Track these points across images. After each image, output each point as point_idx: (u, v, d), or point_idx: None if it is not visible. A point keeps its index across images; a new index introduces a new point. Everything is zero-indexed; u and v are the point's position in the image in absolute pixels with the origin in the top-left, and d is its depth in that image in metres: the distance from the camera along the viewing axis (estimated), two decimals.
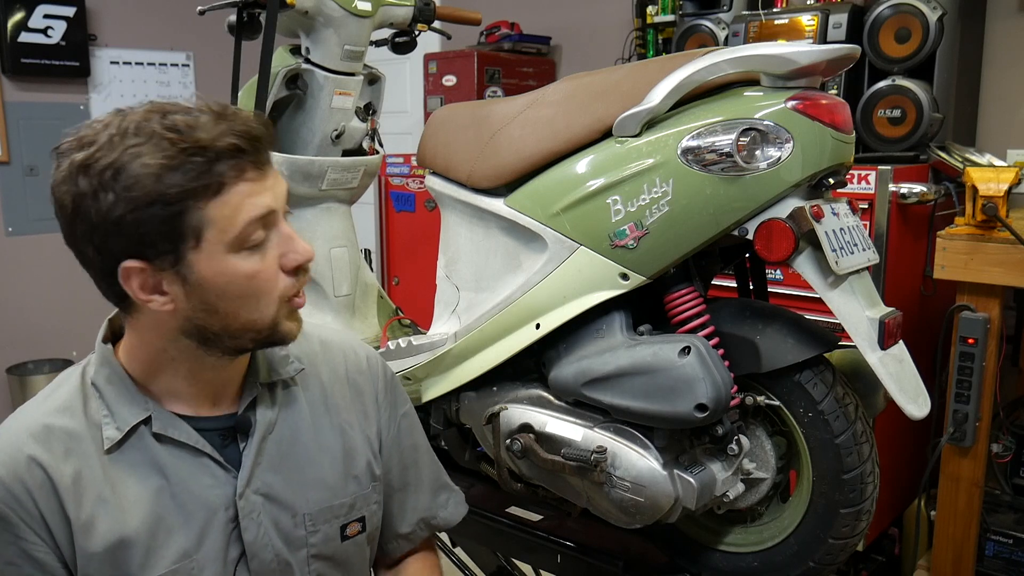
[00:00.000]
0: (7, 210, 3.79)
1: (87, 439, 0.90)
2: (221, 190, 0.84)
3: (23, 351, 3.85)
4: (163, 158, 0.81)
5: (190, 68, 4.31)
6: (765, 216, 1.08)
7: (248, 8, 1.58)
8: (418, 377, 1.46)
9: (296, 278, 0.92)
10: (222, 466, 0.95)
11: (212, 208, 0.83)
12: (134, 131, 0.82)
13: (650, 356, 1.13)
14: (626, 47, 3.30)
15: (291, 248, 0.90)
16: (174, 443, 0.93)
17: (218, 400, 0.97)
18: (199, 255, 0.85)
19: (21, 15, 3.69)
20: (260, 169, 0.87)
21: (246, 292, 0.88)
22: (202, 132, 0.83)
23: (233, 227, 0.85)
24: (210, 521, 0.93)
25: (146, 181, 0.81)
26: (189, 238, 0.84)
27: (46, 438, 0.89)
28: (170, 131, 0.82)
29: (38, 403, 0.93)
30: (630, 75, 1.18)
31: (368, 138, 1.81)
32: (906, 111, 2.24)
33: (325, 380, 1.07)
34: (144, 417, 0.92)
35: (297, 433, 1.01)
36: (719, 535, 1.28)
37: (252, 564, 0.95)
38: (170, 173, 0.81)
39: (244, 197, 0.85)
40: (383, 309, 1.85)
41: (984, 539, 1.99)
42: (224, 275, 0.86)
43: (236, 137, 0.84)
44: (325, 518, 1.02)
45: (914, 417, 1.07)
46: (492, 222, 1.35)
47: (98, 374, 0.94)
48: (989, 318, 1.81)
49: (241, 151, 0.84)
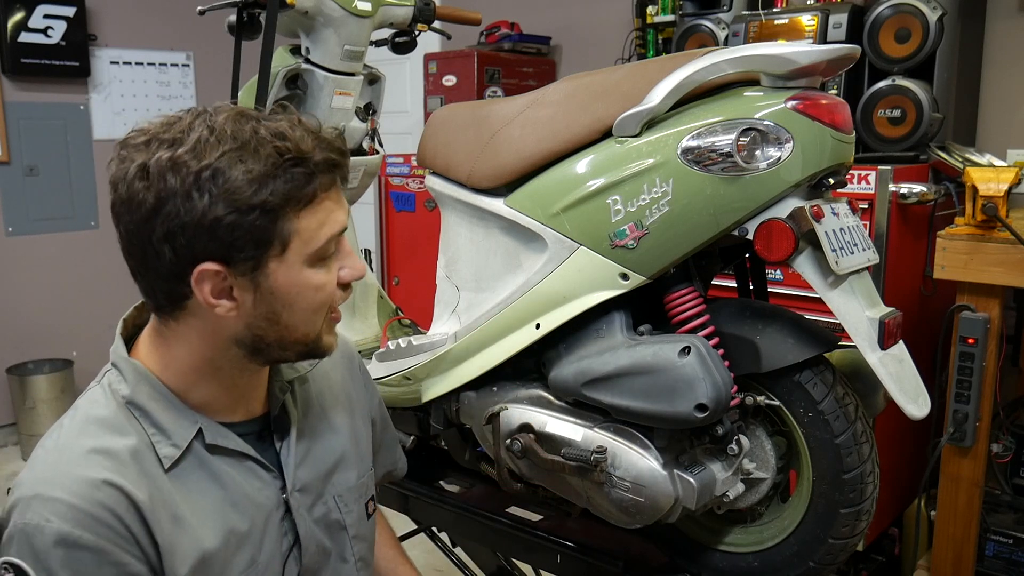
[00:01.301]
0: (7, 210, 3.79)
1: (148, 459, 0.87)
2: (313, 202, 0.85)
3: (23, 351, 3.85)
4: (267, 165, 0.82)
5: (190, 68, 4.31)
6: (765, 216, 1.08)
7: (248, 8, 1.58)
8: (418, 377, 1.46)
9: (344, 292, 0.94)
10: (265, 468, 0.97)
11: (302, 219, 0.85)
12: (231, 134, 0.82)
13: (650, 356, 1.13)
14: (626, 47, 3.30)
15: (349, 264, 0.93)
16: (224, 452, 0.93)
17: (248, 405, 0.98)
18: (279, 264, 0.85)
19: (21, 15, 3.69)
20: (340, 187, 0.90)
21: (311, 304, 0.89)
22: (303, 143, 0.84)
23: (317, 240, 0.86)
24: (266, 523, 0.95)
25: (248, 187, 0.81)
26: (275, 246, 0.84)
27: (112, 462, 0.84)
28: (274, 137, 0.83)
29: (78, 431, 0.87)
30: (630, 75, 1.18)
31: (368, 138, 1.81)
32: (906, 111, 2.24)
33: (326, 368, 1.11)
34: (196, 431, 0.91)
35: (315, 424, 1.05)
36: (719, 535, 1.28)
37: (304, 558, 0.99)
38: (273, 181, 0.82)
39: (329, 212, 0.87)
40: (383, 309, 1.85)
41: (984, 539, 1.99)
42: (297, 286, 0.87)
43: (331, 152, 0.86)
44: (353, 498, 1.07)
45: (914, 417, 1.07)
46: (492, 222, 1.35)
47: (137, 392, 0.90)
48: (989, 318, 1.81)
49: (335, 167, 0.86)
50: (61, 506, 0.80)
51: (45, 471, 0.84)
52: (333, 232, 0.88)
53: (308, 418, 1.04)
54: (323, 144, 0.86)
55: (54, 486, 0.82)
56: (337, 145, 0.88)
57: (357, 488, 1.08)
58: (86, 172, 4.01)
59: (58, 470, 0.84)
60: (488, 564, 1.92)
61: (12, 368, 3.78)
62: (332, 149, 0.86)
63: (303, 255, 0.86)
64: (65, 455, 0.85)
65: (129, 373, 0.91)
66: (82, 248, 4.01)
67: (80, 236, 4.02)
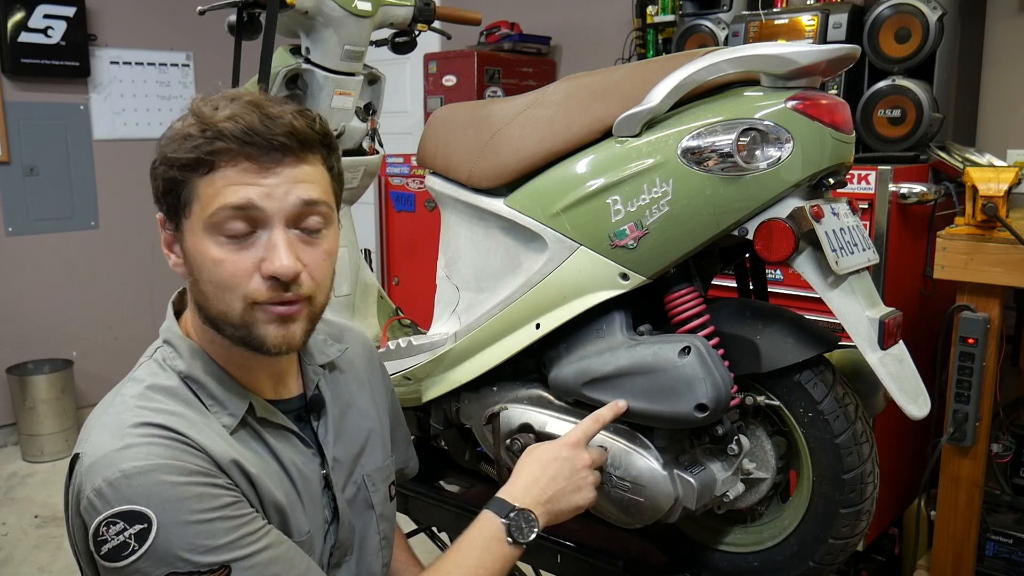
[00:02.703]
0: (7, 210, 3.79)
1: (216, 426, 0.91)
2: (212, 170, 0.87)
3: (23, 351, 3.85)
4: (185, 128, 0.88)
5: (190, 68, 4.31)
6: (765, 216, 1.08)
7: (248, 8, 1.58)
8: (418, 377, 1.46)
9: (270, 285, 0.89)
10: (305, 443, 1.02)
11: (200, 185, 0.88)
12: (208, 102, 0.89)
13: (650, 356, 1.13)
14: (626, 47, 3.30)
15: (271, 256, 0.88)
16: (272, 426, 0.98)
17: (279, 388, 1.02)
18: (188, 226, 0.90)
19: (21, 15, 3.69)
20: (260, 165, 0.87)
21: (213, 278, 0.89)
22: (220, 114, 0.87)
23: (210, 207, 0.87)
24: (314, 496, 0.99)
25: (167, 144, 0.89)
26: (183, 207, 0.89)
27: (185, 424, 0.88)
28: (204, 106, 0.88)
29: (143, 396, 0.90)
30: (630, 75, 1.18)
31: (368, 138, 1.81)
32: (906, 111, 2.24)
33: (353, 358, 1.15)
34: (248, 404, 0.95)
35: (346, 408, 1.09)
36: (719, 535, 1.28)
37: (340, 532, 1.02)
38: (182, 141, 0.87)
39: (228, 183, 0.87)
40: (383, 309, 1.85)
41: (984, 539, 1.99)
42: (198, 252, 0.89)
43: (243, 129, 0.86)
44: (380, 478, 1.12)
45: (914, 417, 1.07)
46: (492, 222, 1.35)
47: (192, 367, 0.94)
48: (989, 318, 1.81)
49: (241, 141, 0.86)
50: (144, 450, 0.83)
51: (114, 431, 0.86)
52: (226, 202, 0.86)
53: (338, 400, 1.09)
54: (245, 118, 0.86)
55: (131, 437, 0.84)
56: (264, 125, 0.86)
57: (383, 469, 1.13)
58: (86, 172, 4.01)
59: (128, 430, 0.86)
60: None
61: (12, 368, 3.77)
62: (248, 127, 0.85)
63: (202, 221, 0.88)
64: (132, 416, 0.87)
65: (184, 349, 0.95)
66: (82, 248, 4.01)
67: (80, 236, 4.02)
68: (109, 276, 4.07)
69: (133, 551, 0.80)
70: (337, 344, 1.13)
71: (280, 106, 0.90)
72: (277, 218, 0.88)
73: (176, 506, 0.82)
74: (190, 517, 0.82)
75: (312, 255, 0.91)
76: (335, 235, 0.96)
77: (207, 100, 0.90)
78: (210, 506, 0.84)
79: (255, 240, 0.88)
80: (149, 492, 0.81)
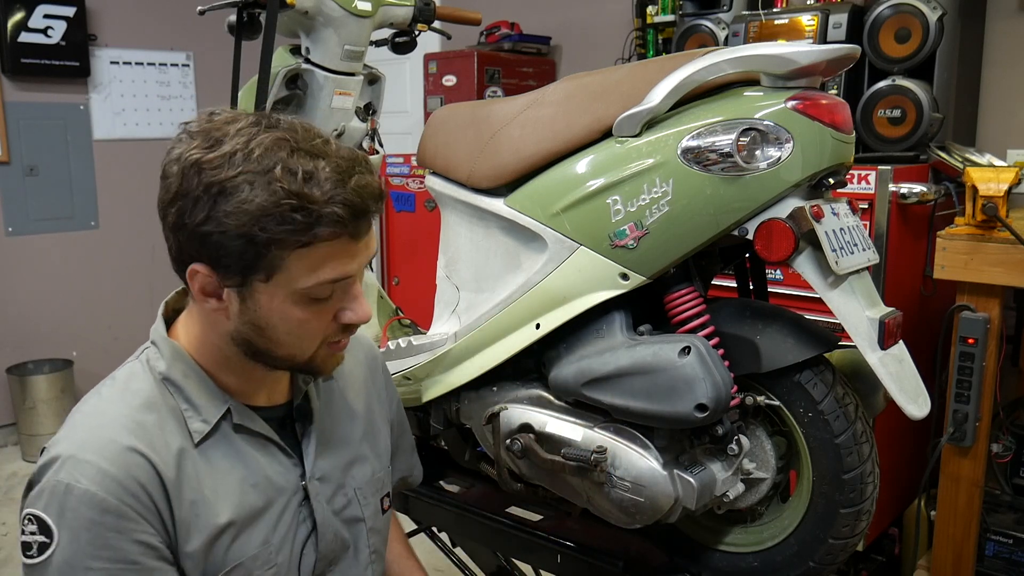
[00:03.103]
0: (7, 210, 3.79)
1: (176, 434, 0.91)
2: (308, 247, 0.85)
3: (23, 351, 3.85)
4: (268, 202, 0.82)
5: (190, 68, 4.31)
6: (765, 216, 1.08)
7: (248, 8, 1.58)
8: (418, 377, 1.46)
9: (345, 331, 0.94)
10: (286, 453, 1.00)
11: (292, 259, 0.85)
12: (258, 157, 0.83)
13: (650, 356, 1.13)
14: (626, 47, 3.30)
15: (352, 308, 0.92)
16: (249, 433, 0.97)
17: (271, 392, 1.02)
18: (264, 288, 0.87)
19: (21, 15, 3.69)
20: (356, 238, 0.88)
21: (295, 332, 0.90)
22: (315, 189, 0.83)
23: (303, 282, 0.86)
24: (284, 507, 0.98)
25: (243, 216, 0.82)
26: (261, 272, 0.86)
27: (144, 434, 0.88)
28: (287, 175, 0.82)
29: (116, 400, 0.92)
30: (630, 75, 1.18)
31: (368, 138, 1.81)
32: (906, 111, 2.24)
33: (349, 366, 1.13)
34: (225, 410, 0.95)
35: (337, 417, 1.08)
36: (719, 535, 1.28)
37: (320, 544, 1.01)
38: (267, 219, 0.82)
39: (327, 259, 0.86)
40: (383, 309, 1.85)
41: (984, 539, 1.99)
42: (279, 314, 0.89)
43: (344, 207, 0.84)
44: (372, 491, 1.10)
45: (914, 417, 1.07)
46: (492, 222, 1.35)
47: (172, 369, 0.94)
48: (989, 318, 1.81)
49: (343, 222, 0.84)
50: (92, 469, 0.84)
51: (81, 434, 0.88)
52: (326, 279, 0.87)
53: (329, 410, 1.08)
54: (341, 195, 0.83)
55: (88, 449, 0.86)
56: (360, 200, 0.85)
57: (374, 482, 1.11)
58: (86, 172, 4.01)
59: (94, 434, 0.88)
60: (488, 564, 1.92)
61: (12, 368, 3.77)
62: (349, 204, 0.84)
63: (288, 290, 0.87)
64: (102, 420, 0.89)
65: (166, 351, 0.95)
66: (82, 248, 4.01)
67: (80, 236, 4.01)
68: (109, 276, 4.07)
69: (32, 556, 0.84)
70: None
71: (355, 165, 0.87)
72: (358, 274, 0.91)
73: (77, 538, 0.83)
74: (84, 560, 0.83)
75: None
76: None
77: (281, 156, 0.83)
78: (106, 555, 0.84)
79: (332, 296, 0.91)
80: (64, 514, 0.83)
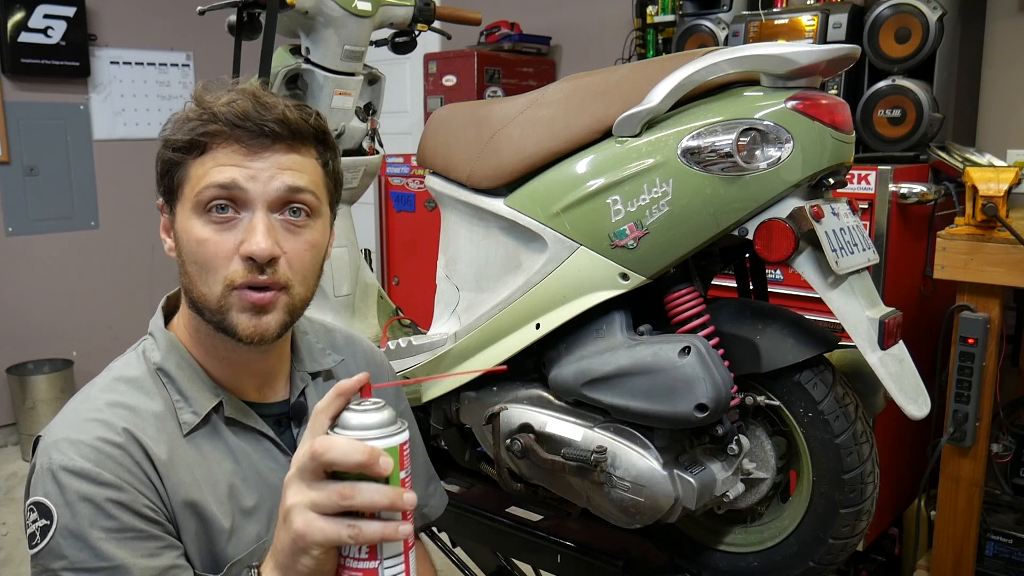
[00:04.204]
0: (7, 210, 3.79)
1: (169, 423, 0.92)
2: (204, 152, 0.90)
3: (23, 351, 3.85)
4: (186, 112, 0.91)
5: (190, 68, 4.31)
6: (765, 216, 1.08)
7: (248, 8, 1.58)
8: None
9: (247, 266, 0.89)
10: (282, 450, 0.99)
11: (193, 166, 0.90)
12: (209, 88, 0.92)
13: (650, 356, 1.13)
14: (626, 47, 3.30)
15: (249, 237, 0.89)
16: (242, 428, 0.97)
17: (264, 390, 1.01)
18: (180, 208, 0.92)
19: (21, 15, 3.69)
20: (249, 148, 0.89)
21: (196, 258, 0.90)
22: (216, 100, 0.90)
23: (198, 185, 0.89)
24: (277, 503, 0.95)
25: (173, 126, 0.92)
26: (177, 189, 0.92)
27: (136, 418, 0.90)
28: (205, 93, 0.92)
29: (108, 387, 0.93)
30: (630, 75, 1.18)
31: (368, 138, 1.81)
32: (906, 111, 2.24)
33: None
34: (217, 402, 0.95)
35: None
36: (719, 535, 1.28)
37: None
38: (181, 124, 0.91)
39: (217, 164, 0.89)
40: (383, 309, 1.85)
41: (984, 539, 1.99)
42: (185, 232, 0.91)
43: (237, 113, 0.89)
44: None
45: (914, 417, 1.07)
46: (492, 222, 1.35)
47: (167, 359, 0.95)
48: (989, 318, 1.81)
49: (233, 124, 0.89)
50: (84, 447, 0.86)
51: (71, 418, 0.90)
52: (212, 181, 0.88)
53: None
54: (241, 106, 0.89)
55: (77, 430, 0.87)
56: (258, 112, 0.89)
57: None
58: (86, 172, 4.01)
59: (82, 416, 0.89)
60: (488, 564, 1.92)
61: (12, 368, 3.78)
62: (242, 113, 0.88)
63: (191, 201, 0.90)
64: (90, 405, 0.91)
65: (162, 342, 0.97)
66: (82, 248, 4.01)
67: (80, 236, 4.02)
68: (109, 276, 4.07)
69: (37, 544, 0.84)
70: (334, 355, 1.11)
71: (278, 99, 0.92)
72: (260, 201, 0.89)
73: (77, 512, 0.83)
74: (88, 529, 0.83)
75: (293, 243, 0.92)
76: (322, 229, 0.96)
77: (209, 87, 0.93)
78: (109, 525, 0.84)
79: (238, 223, 0.90)
80: (61, 492, 0.84)
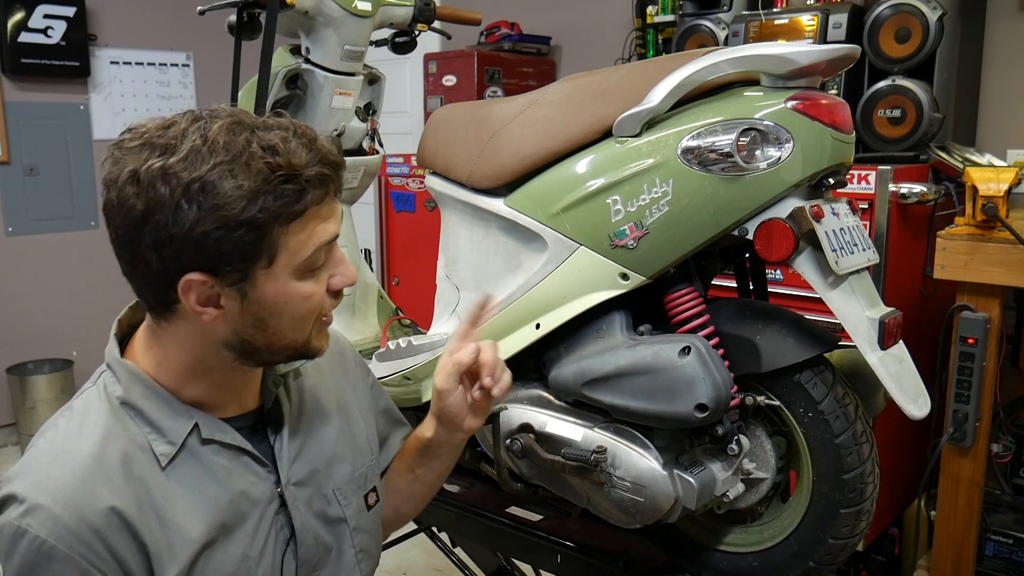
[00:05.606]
0: (7, 210, 3.79)
1: (139, 461, 0.88)
2: (302, 217, 0.85)
3: (23, 351, 3.85)
4: (257, 181, 0.81)
5: (190, 68, 4.31)
6: (765, 216, 1.08)
7: (248, 8, 1.58)
8: (418, 377, 1.46)
9: (335, 299, 0.93)
10: (260, 462, 0.97)
11: (291, 234, 0.85)
12: (224, 145, 0.82)
13: (650, 356, 1.13)
14: (626, 47, 3.30)
15: (340, 271, 0.92)
16: (220, 446, 0.94)
17: (241, 400, 0.99)
18: (267, 275, 0.86)
19: (21, 15, 3.69)
20: (337, 195, 0.90)
21: (299, 313, 0.89)
22: (295, 157, 0.83)
23: (304, 253, 0.86)
24: (260, 518, 0.96)
25: (237, 203, 0.80)
26: (263, 259, 0.84)
27: (100, 470, 0.85)
28: (266, 152, 0.82)
29: (73, 436, 0.87)
30: (630, 75, 1.18)
31: (368, 138, 1.81)
32: (906, 111, 2.24)
33: (320, 363, 1.09)
34: (191, 426, 0.91)
35: (311, 417, 1.05)
36: (719, 535, 1.28)
37: (300, 550, 0.99)
38: (262, 197, 0.81)
39: (318, 223, 0.87)
40: (383, 309, 1.85)
41: (984, 539, 1.99)
42: (284, 296, 0.87)
43: (324, 166, 0.85)
44: (352, 490, 1.07)
45: (914, 417, 1.07)
46: (492, 222, 1.35)
47: (130, 392, 0.90)
48: (989, 318, 1.81)
49: (327, 181, 0.86)
50: (45, 516, 0.81)
51: (36, 475, 0.85)
52: (321, 243, 0.87)
53: (302, 412, 1.04)
54: (316, 158, 0.85)
55: (43, 493, 0.82)
56: (331, 158, 0.87)
57: (354, 480, 1.07)
58: (86, 172, 4.01)
59: (50, 476, 0.84)
60: (488, 564, 1.92)
61: (12, 368, 3.78)
62: (325, 163, 0.86)
63: (291, 267, 0.86)
64: (59, 461, 0.85)
65: (122, 374, 0.92)
66: (82, 248, 4.01)
67: (80, 236, 4.02)
68: (109, 276, 4.04)
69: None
70: None
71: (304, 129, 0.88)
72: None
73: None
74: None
75: None
76: None
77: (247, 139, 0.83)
78: None
79: (324, 264, 0.91)
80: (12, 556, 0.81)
